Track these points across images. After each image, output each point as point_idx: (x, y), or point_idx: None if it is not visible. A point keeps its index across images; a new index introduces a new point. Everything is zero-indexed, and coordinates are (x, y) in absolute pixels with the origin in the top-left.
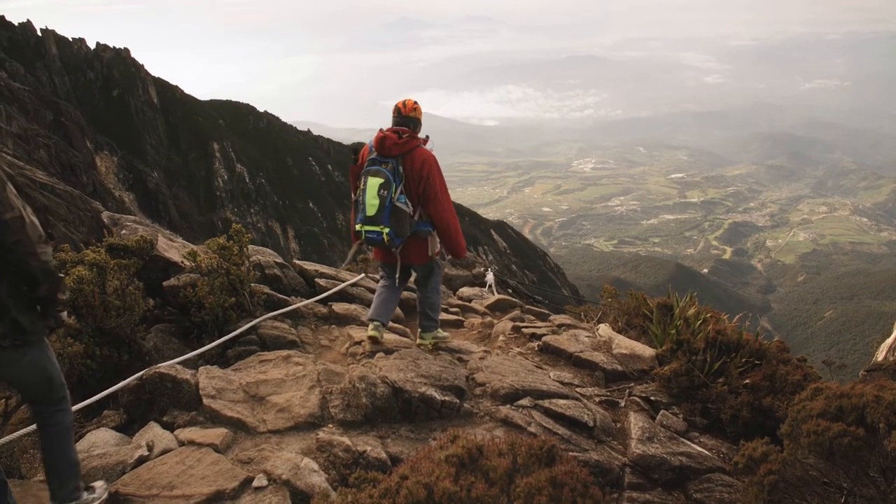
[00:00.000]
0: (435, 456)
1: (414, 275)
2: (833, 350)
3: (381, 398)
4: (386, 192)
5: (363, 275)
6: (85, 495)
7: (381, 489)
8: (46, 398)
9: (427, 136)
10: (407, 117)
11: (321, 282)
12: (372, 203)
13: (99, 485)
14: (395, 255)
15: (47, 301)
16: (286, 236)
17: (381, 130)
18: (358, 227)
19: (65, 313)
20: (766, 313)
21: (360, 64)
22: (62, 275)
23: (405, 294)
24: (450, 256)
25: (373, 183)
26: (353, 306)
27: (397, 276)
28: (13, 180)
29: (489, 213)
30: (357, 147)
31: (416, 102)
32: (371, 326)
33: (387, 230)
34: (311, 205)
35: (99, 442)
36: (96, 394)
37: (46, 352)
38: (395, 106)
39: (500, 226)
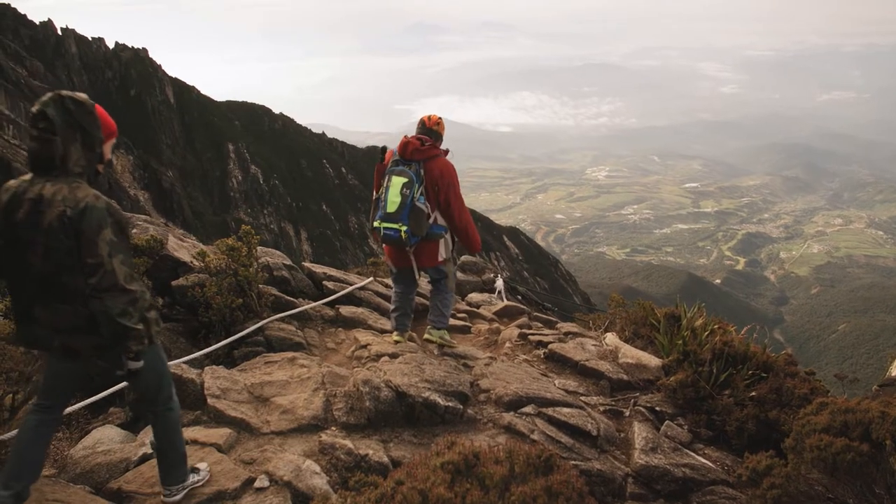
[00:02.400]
0: (431, 462)
1: (422, 282)
2: (846, 364)
3: (384, 402)
4: (408, 192)
5: (371, 278)
6: (191, 477)
7: (377, 494)
8: (155, 399)
9: (447, 149)
10: (430, 130)
11: (329, 284)
12: (394, 200)
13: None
14: (409, 255)
15: (112, 345)
16: (299, 238)
17: (405, 136)
18: (376, 223)
19: (139, 363)
20: (779, 325)
21: (377, 68)
22: (138, 326)
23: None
24: (466, 254)
25: (397, 181)
26: (360, 310)
27: (416, 274)
28: (119, 225)
29: (502, 220)
30: (384, 148)
31: (440, 118)
32: (395, 335)
33: (404, 228)
34: (324, 207)
35: (104, 439)
36: (103, 391)
37: (159, 354)
38: (421, 119)
39: (513, 232)
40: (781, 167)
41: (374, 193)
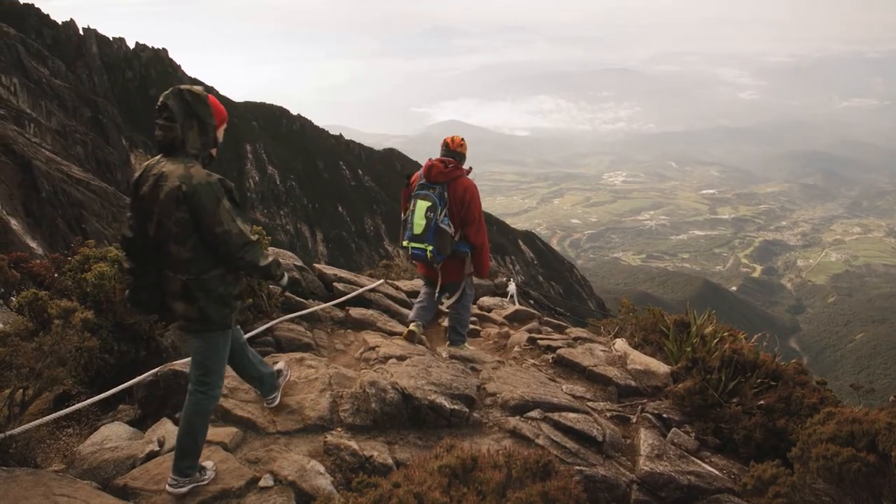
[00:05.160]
0: (429, 465)
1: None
2: (863, 374)
3: (390, 404)
4: (432, 214)
5: (382, 280)
6: (197, 475)
7: (374, 496)
8: (197, 377)
9: (470, 168)
10: (454, 152)
11: (339, 286)
12: (419, 223)
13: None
14: (437, 271)
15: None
16: (315, 239)
17: (429, 160)
18: (405, 243)
19: (285, 279)
20: (795, 334)
21: (395, 70)
22: (270, 259)
23: None
24: (475, 275)
25: (421, 205)
26: (369, 311)
27: (437, 291)
28: (231, 193)
29: (518, 223)
30: (409, 174)
31: (462, 139)
32: (412, 325)
33: (430, 247)
34: (340, 209)
35: (112, 435)
36: (112, 388)
37: (223, 340)
38: (444, 141)
39: (529, 236)
40: (800, 174)
41: (402, 215)
